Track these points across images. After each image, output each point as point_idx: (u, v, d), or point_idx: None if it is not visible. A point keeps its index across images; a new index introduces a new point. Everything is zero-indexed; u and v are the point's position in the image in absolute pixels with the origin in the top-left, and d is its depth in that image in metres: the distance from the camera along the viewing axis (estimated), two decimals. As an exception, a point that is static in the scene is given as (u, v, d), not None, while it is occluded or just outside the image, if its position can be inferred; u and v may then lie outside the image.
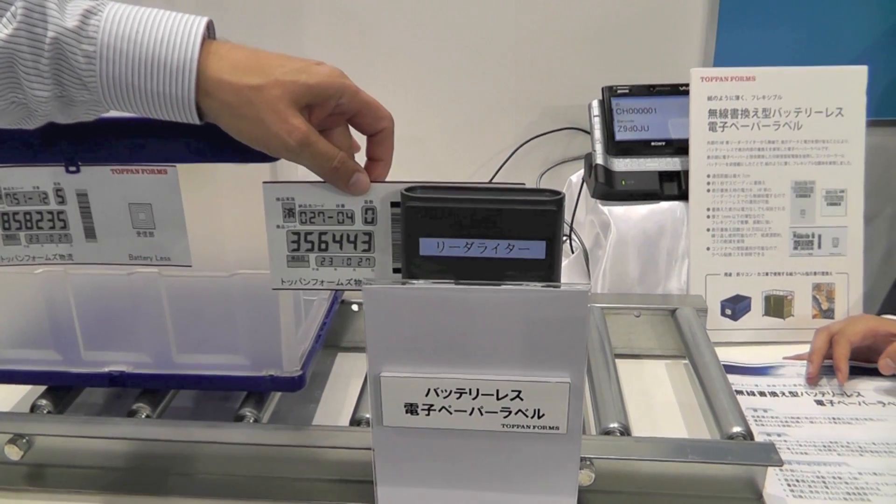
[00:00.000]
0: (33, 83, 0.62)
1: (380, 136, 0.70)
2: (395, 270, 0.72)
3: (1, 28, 0.60)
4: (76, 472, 0.81)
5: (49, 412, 0.85)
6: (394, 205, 0.69)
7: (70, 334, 0.84)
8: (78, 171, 0.73)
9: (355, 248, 0.71)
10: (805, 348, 0.99)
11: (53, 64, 0.61)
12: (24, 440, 0.79)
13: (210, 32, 0.65)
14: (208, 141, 0.70)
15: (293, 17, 1.32)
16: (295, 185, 0.70)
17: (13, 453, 0.79)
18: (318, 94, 0.65)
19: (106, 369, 0.84)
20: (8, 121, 0.66)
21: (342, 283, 0.73)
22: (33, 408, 0.85)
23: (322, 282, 0.73)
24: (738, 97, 1.06)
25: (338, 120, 0.68)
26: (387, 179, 0.70)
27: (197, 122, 0.65)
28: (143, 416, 0.84)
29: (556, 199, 0.62)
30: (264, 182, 0.70)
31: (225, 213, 0.78)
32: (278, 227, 0.71)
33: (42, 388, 0.88)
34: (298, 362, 0.83)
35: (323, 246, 0.71)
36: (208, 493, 0.79)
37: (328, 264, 0.72)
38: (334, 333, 1.02)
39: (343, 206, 0.70)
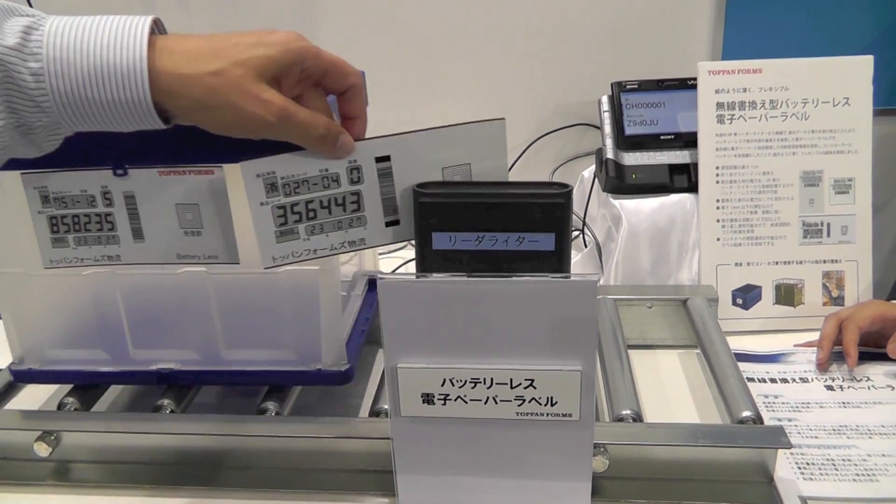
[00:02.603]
0: None
1: (349, 93, 0.68)
2: (389, 224, 0.71)
3: None
4: (103, 468, 0.83)
5: (76, 409, 0.87)
6: (378, 160, 0.69)
7: (118, 333, 0.85)
8: (125, 174, 0.73)
9: (344, 210, 0.70)
10: (816, 335, 1.00)
11: (1, 88, 0.58)
12: (53, 437, 0.81)
13: (159, 29, 0.62)
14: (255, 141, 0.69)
15: (307, 17, 1.34)
16: (274, 158, 0.68)
17: (42, 450, 0.81)
18: (281, 62, 0.62)
19: (155, 367, 0.86)
20: None
21: (336, 248, 0.72)
22: (60, 405, 0.87)
23: (315, 251, 0.72)
24: (745, 89, 1.07)
25: (306, 85, 0.66)
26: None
27: (161, 125, 0.62)
28: (168, 412, 0.86)
29: (565, 191, 0.63)
30: (241, 162, 0.69)
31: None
32: (262, 204, 0.69)
33: (69, 387, 0.91)
34: (345, 356, 0.84)
35: (311, 214, 0.70)
36: (230, 485, 0.81)
37: (319, 232, 0.71)
38: (376, 328, 1.02)
39: (327, 170, 0.69)
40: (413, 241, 0.70)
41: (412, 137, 0.69)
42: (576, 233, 1.27)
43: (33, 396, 0.98)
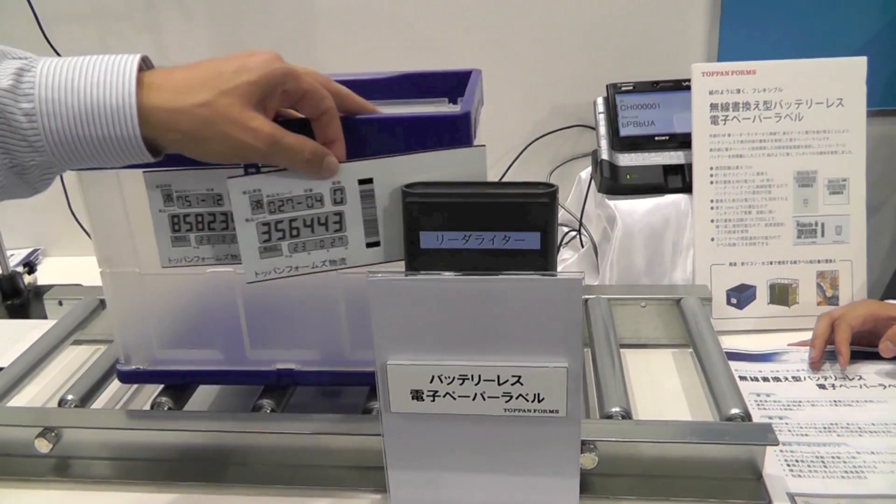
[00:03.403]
0: None
1: (325, 117, 0.69)
2: (369, 245, 0.73)
3: None
4: (103, 464, 0.85)
5: (169, 408, 0.88)
6: (361, 182, 0.70)
7: (235, 333, 0.85)
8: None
9: (327, 229, 0.72)
10: (810, 335, 1.00)
11: None
12: (53, 433, 0.83)
13: (147, 65, 0.64)
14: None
15: (305, 27, 1.35)
16: (260, 176, 0.70)
17: (42, 446, 0.82)
18: (265, 87, 0.64)
19: (274, 367, 0.85)
20: None
21: (317, 266, 0.73)
22: (61, 402, 0.89)
23: (297, 268, 0.73)
24: (739, 91, 1.08)
25: (285, 106, 0.68)
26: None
27: (151, 159, 0.64)
28: (166, 409, 0.87)
29: (550, 191, 0.64)
30: (228, 177, 0.70)
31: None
32: (247, 220, 0.71)
33: (70, 384, 0.92)
34: None
35: (295, 232, 0.72)
36: (227, 481, 0.82)
37: (301, 249, 0.72)
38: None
39: (311, 190, 0.70)
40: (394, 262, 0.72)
41: (395, 161, 0.70)
42: (572, 233, 1.28)
43: (31, 393, 1.00)
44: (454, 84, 0.91)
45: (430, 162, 0.70)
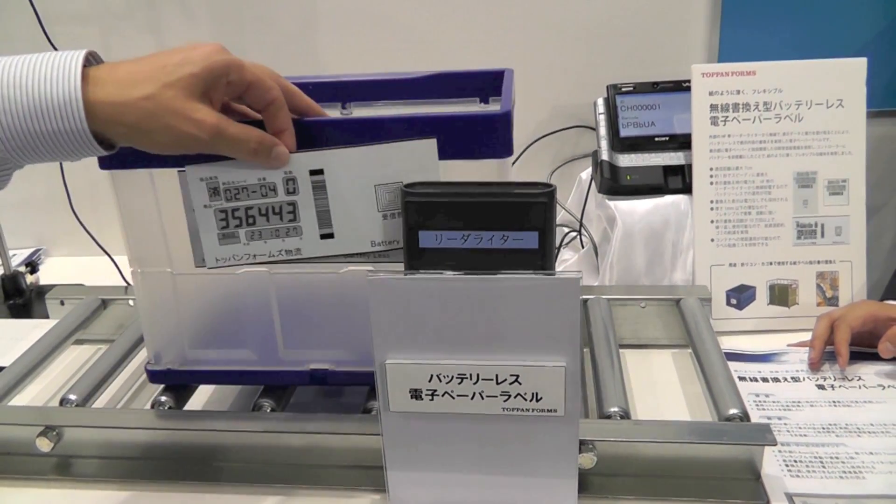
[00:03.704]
0: None
1: (273, 107, 0.70)
2: (323, 236, 0.73)
3: None
4: (104, 463, 0.85)
5: (171, 408, 0.88)
6: (312, 172, 0.71)
7: (269, 333, 0.84)
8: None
9: (281, 219, 0.73)
10: (810, 335, 1.00)
11: None
12: (55, 432, 0.83)
13: (95, 60, 0.65)
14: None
15: (307, 27, 1.36)
16: (217, 164, 0.71)
17: (44, 445, 0.82)
18: (207, 78, 0.65)
19: (307, 367, 0.85)
20: None
21: (273, 256, 0.74)
22: (62, 401, 0.89)
23: (254, 255, 0.74)
24: (738, 91, 1.08)
25: (231, 97, 0.69)
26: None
27: (103, 152, 0.65)
28: (166, 409, 0.87)
29: (548, 191, 0.65)
30: (187, 165, 0.71)
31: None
32: (205, 206, 0.72)
33: (72, 383, 0.93)
34: None
35: (251, 220, 0.73)
36: (227, 481, 0.82)
37: (258, 238, 0.73)
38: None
39: (264, 179, 0.71)
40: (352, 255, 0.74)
41: (345, 153, 0.71)
42: (573, 234, 1.28)
43: (32, 393, 1.00)
44: (485, 84, 0.91)
45: (381, 154, 0.71)
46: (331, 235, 0.73)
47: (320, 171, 0.71)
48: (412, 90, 0.92)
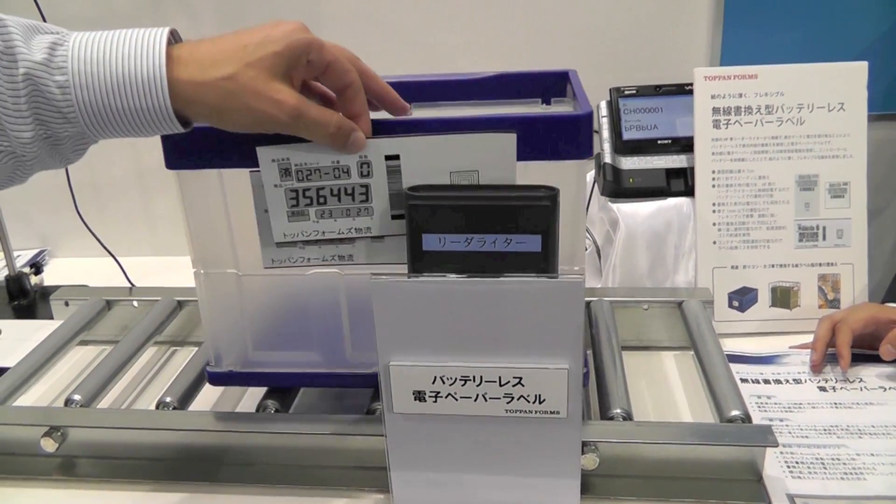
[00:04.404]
0: (15, 124, 0.61)
1: (350, 91, 0.69)
2: (394, 217, 0.73)
3: None
4: (109, 464, 0.85)
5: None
6: (388, 158, 0.71)
7: (336, 335, 0.83)
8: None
9: (353, 199, 0.72)
10: (812, 338, 1.01)
11: (31, 100, 0.61)
12: (59, 433, 0.83)
13: (175, 38, 0.65)
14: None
15: (311, 26, 1.36)
16: (289, 146, 0.70)
17: (48, 445, 0.83)
18: (289, 57, 0.64)
19: (374, 370, 0.83)
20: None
21: (343, 233, 0.74)
22: (67, 402, 0.89)
23: (323, 233, 0.74)
24: (741, 95, 1.08)
25: (310, 77, 0.69)
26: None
27: (181, 130, 0.65)
28: (171, 409, 0.88)
29: (551, 194, 0.65)
30: (257, 146, 0.71)
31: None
32: (276, 186, 0.72)
33: (76, 384, 0.93)
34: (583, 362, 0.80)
35: (321, 200, 0.72)
36: (232, 481, 0.83)
37: (328, 216, 0.73)
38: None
39: (338, 162, 0.71)
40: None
41: (422, 140, 0.71)
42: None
43: (37, 393, 1.00)
44: (547, 85, 0.91)
45: (459, 144, 0.70)
46: (402, 216, 0.72)
47: (396, 157, 0.71)
48: (474, 91, 0.92)
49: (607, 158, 1.15)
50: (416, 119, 0.76)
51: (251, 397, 0.95)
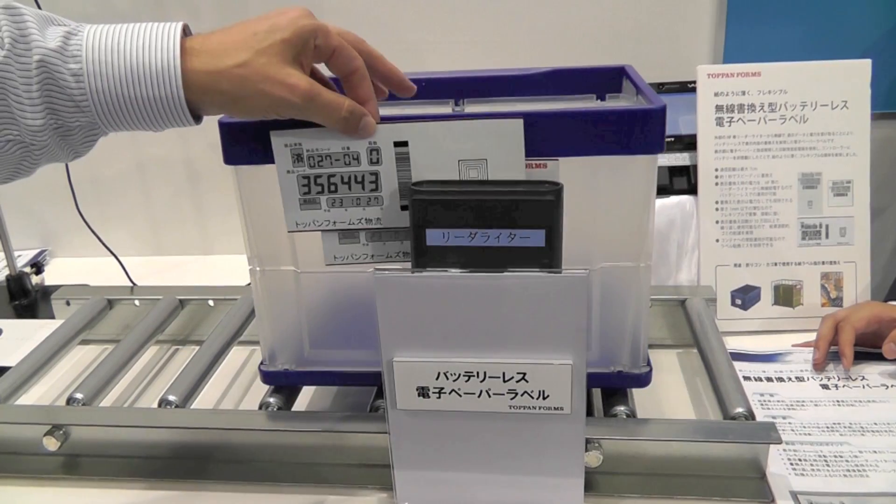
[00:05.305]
0: (26, 112, 0.61)
1: (356, 77, 0.70)
2: (403, 208, 0.73)
3: None
4: (111, 462, 0.85)
5: (84, 405, 0.88)
6: (397, 144, 0.71)
7: None
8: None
9: (363, 188, 0.73)
10: (814, 336, 1.01)
11: (43, 88, 0.61)
12: (61, 431, 0.83)
13: (186, 33, 0.66)
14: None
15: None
16: (302, 131, 0.71)
17: (50, 444, 0.83)
18: (298, 43, 0.66)
19: None
20: (5, 168, 0.65)
21: (353, 223, 0.74)
22: (69, 401, 0.89)
23: (334, 222, 0.74)
24: (744, 92, 1.08)
25: (317, 61, 0.70)
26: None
27: (192, 123, 0.66)
28: (173, 407, 0.87)
29: (555, 189, 0.65)
30: (272, 131, 0.71)
31: (584, 207, 0.73)
32: (289, 172, 0.73)
33: (79, 383, 0.93)
34: (646, 358, 0.82)
35: (332, 188, 0.73)
36: (234, 479, 0.83)
37: (338, 205, 0.73)
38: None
39: (348, 148, 0.71)
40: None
41: (430, 126, 0.71)
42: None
43: (39, 392, 1.00)
44: (601, 80, 0.91)
45: (466, 130, 0.70)
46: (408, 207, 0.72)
47: (405, 143, 0.71)
48: (527, 86, 0.91)
49: (610, 156, 1.15)
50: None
51: (253, 395, 0.95)
